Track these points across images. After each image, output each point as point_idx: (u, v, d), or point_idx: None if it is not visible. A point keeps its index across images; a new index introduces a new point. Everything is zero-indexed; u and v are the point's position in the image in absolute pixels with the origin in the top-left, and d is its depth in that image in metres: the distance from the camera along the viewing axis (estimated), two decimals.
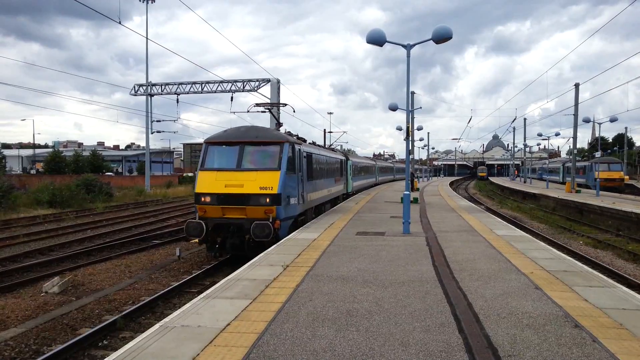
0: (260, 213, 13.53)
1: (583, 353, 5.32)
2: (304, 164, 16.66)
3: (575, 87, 38.40)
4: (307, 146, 18.28)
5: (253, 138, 14.68)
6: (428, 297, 7.56)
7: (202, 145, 15.43)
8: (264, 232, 12.98)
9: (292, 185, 14.81)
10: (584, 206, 28.79)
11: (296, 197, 15.20)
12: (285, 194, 14.03)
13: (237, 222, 13.64)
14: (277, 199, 13.62)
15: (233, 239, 13.71)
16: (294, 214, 15.10)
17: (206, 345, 5.59)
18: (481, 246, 12.26)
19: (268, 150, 14.60)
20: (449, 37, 13.92)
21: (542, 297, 7.52)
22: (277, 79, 36.28)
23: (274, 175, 13.86)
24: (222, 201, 13.72)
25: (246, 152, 14.43)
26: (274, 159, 14.34)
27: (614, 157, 62.08)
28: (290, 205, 14.61)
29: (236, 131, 15.28)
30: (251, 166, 14.23)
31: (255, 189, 13.59)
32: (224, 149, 14.88)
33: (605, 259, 16.43)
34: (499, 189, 63.85)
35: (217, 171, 14.23)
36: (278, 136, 15.13)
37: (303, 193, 16.22)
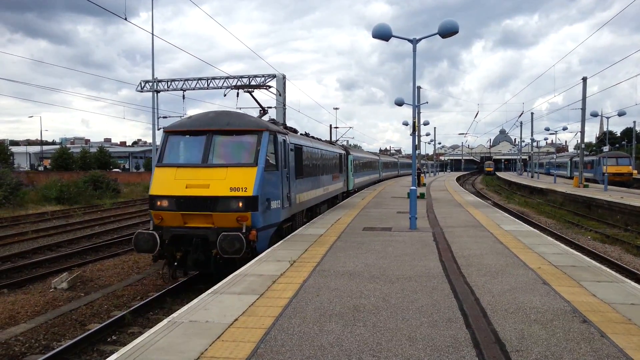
0: (231, 221, 10.80)
1: (591, 348, 5.30)
2: (291, 158, 14.02)
3: (583, 80, 38.12)
4: (295, 137, 15.64)
5: (223, 126, 11.85)
6: (435, 293, 7.55)
7: (162, 134, 12.72)
8: (233, 247, 10.17)
9: (273, 184, 12.12)
10: (592, 201, 28.62)
11: (279, 199, 12.47)
12: (263, 196, 11.31)
13: (201, 233, 10.89)
14: (252, 203, 10.87)
15: (196, 254, 10.97)
16: (276, 220, 12.32)
17: (214, 341, 5.61)
18: (488, 241, 12.23)
19: (242, 141, 11.89)
20: (456, 31, 13.84)
21: (550, 292, 7.49)
22: (282, 75, 36.25)
23: (249, 173, 11.12)
24: (183, 206, 10.88)
25: (215, 143, 11.62)
26: (250, 152, 11.59)
27: (622, 152, 61.69)
28: (272, 210, 11.89)
29: (203, 117, 12.43)
30: (221, 161, 11.46)
31: (224, 191, 10.84)
32: (187, 139, 12.18)
33: (614, 253, 16.34)
34: (506, 184, 63.60)
35: (177, 168, 11.41)
36: (255, 123, 12.32)
37: (289, 194, 13.59)
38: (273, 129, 12.56)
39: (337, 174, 24.30)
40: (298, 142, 15.58)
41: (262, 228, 11.26)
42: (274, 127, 13.01)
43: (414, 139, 16.39)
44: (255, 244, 10.89)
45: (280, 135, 12.97)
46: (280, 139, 12.86)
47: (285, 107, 35.57)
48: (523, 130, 72.50)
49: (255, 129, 11.96)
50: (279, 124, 15.19)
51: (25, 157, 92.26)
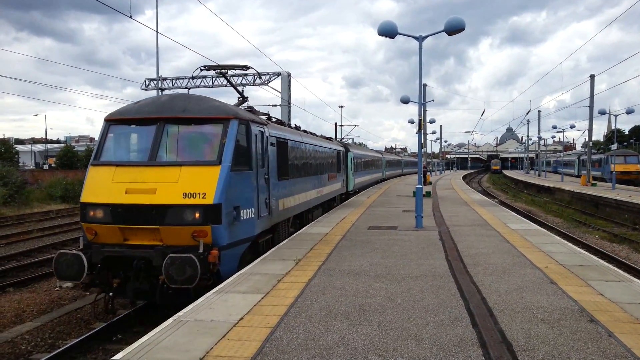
0: (185, 238, 8.51)
1: (599, 348, 5.25)
2: (271, 155, 11.57)
3: (590, 78, 37.90)
4: (278, 129, 12.99)
5: (178, 112, 9.40)
6: (441, 292, 7.51)
7: (102, 123, 10.12)
8: (183, 274, 7.77)
9: (245, 188, 9.78)
10: (600, 199, 28.45)
11: (253, 207, 10.11)
12: (230, 203, 8.98)
13: (141, 254, 8.47)
14: (214, 214, 8.56)
15: (138, 282, 8.61)
16: (249, 234, 9.91)
17: (219, 340, 5.60)
18: (495, 240, 12.16)
19: (203, 133, 9.57)
20: (462, 28, 13.76)
21: (557, 292, 7.44)
22: (287, 73, 36.23)
23: (209, 174, 8.80)
24: (121, 218, 8.55)
25: (167, 134, 9.30)
26: (212, 147, 9.28)
27: (630, 150, 61.25)
28: (242, 222, 9.50)
29: (154, 102, 10.00)
30: (173, 158, 9.16)
31: (175, 197, 8.47)
32: (132, 130, 9.88)
33: (622, 253, 16.23)
34: (513, 182, 63.38)
35: (116, 167, 9.04)
36: (221, 109, 9.73)
37: (269, 199, 11.20)
38: (245, 116, 10.18)
39: (334, 174, 22.07)
40: (282, 135, 13.03)
41: (227, 246, 8.88)
42: (247, 114, 10.62)
43: (419, 137, 16.33)
44: (218, 266, 8.50)
45: (255, 125, 10.52)
46: (255, 130, 10.44)
47: (290, 105, 35.55)
48: (530, 128, 72.32)
49: (221, 116, 9.51)
50: (258, 113, 12.70)
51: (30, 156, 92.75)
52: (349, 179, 26.60)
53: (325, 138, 22.57)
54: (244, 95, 13.08)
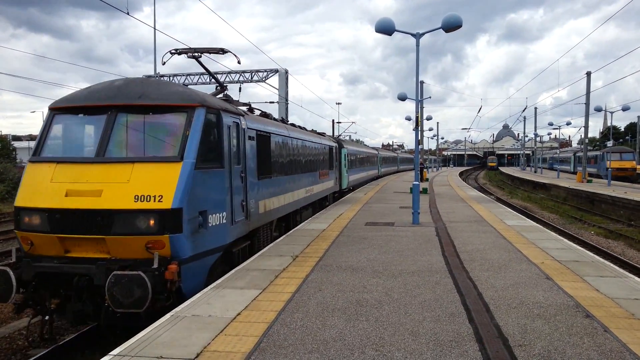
0: (137, 250, 7.15)
1: (594, 343, 5.29)
2: (248, 150, 10.15)
3: (587, 75, 38.02)
4: (258, 121, 11.52)
5: (133, 99, 8.03)
6: (438, 287, 7.54)
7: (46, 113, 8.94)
8: (130, 296, 6.55)
9: (214, 189, 8.45)
10: (595, 196, 28.56)
11: (225, 211, 8.72)
12: (195, 207, 7.64)
13: (83, 270, 7.12)
14: (173, 220, 7.22)
15: (79, 303, 7.25)
16: (219, 243, 8.55)
17: (217, 335, 5.62)
18: (491, 236, 12.21)
19: (163, 123, 8.22)
20: (459, 25, 13.77)
21: (553, 287, 7.48)
22: (285, 70, 36.20)
23: (168, 172, 7.47)
24: (61, 225, 7.22)
25: (119, 125, 7.93)
26: (173, 140, 7.93)
27: (626, 147, 61.48)
28: (210, 230, 8.14)
29: (106, 87, 8.45)
30: (124, 153, 7.85)
31: (125, 201, 7.15)
32: (80, 120, 8.46)
33: (617, 249, 16.32)
34: (509, 179, 63.51)
35: (56, 164, 7.70)
36: (184, 95, 8.37)
37: (246, 201, 9.81)
38: (214, 104, 8.73)
39: (326, 171, 20.75)
40: (263, 128, 11.57)
41: (191, 258, 7.54)
42: (218, 102, 9.18)
43: (416, 134, 16.36)
44: (179, 284, 7.20)
45: (227, 115, 9.12)
46: (227, 120, 9.06)
47: (287, 102, 35.54)
48: (526, 125, 72.37)
49: (184, 103, 8.14)
50: (236, 103, 11.28)
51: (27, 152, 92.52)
52: (343, 177, 25.53)
53: (317, 133, 21.45)
54: (222, 84, 11.93)
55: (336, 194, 24.44)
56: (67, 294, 7.34)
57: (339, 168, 24.54)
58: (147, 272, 6.71)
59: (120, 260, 7.15)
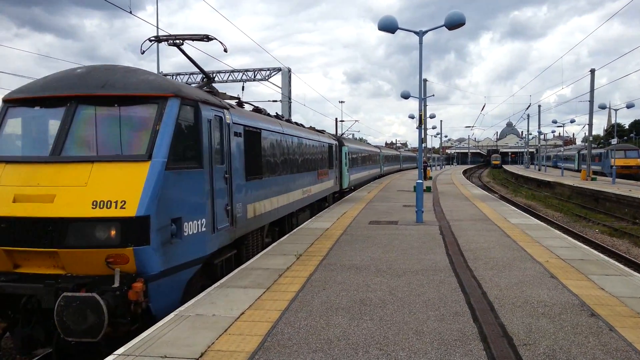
0: (96, 265, 6.21)
1: (599, 342, 5.27)
2: (234, 147, 9.16)
3: (590, 72, 37.88)
4: (246, 115, 10.54)
5: (96, 88, 7.00)
6: (442, 286, 7.53)
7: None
8: (83, 322, 5.66)
9: (190, 192, 7.39)
10: (600, 194, 28.46)
11: (205, 217, 7.67)
12: (165, 214, 6.62)
13: (29, 290, 6.20)
14: (138, 230, 6.25)
15: (31, 327, 6.40)
16: (198, 254, 7.50)
17: (221, 334, 5.62)
18: (495, 235, 12.18)
19: (129, 116, 7.15)
20: (462, 23, 13.74)
21: (558, 286, 7.45)
22: (288, 68, 36.21)
23: (133, 173, 6.52)
24: (7, 236, 6.28)
25: (79, 119, 6.92)
26: (141, 136, 6.95)
27: (630, 144, 61.22)
28: (186, 240, 7.09)
29: (66, 75, 7.44)
30: (83, 152, 6.86)
31: (81, 207, 6.18)
32: (36, 113, 7.42)
33: (622, 247, 16.24)
34: (513, 177, 63.34)
35: (5, 164, 6.78)
36: (154, 84, 7.29)
37: (231, 206, 8.80)
38: (191, 95, 7.68)
39: (325, 170, 19.72)
40: (252, 123, 10.54)
41: (162, 274, 6.54)
42: (196, 93, 8.13)
43: (420, 132, 16.33)
44: (146, 304, 6.29)
45: (207, 108, 8.08)
46: (208, 114, 8.03)
47: (290, 101, 35.54)
48: (530, 123, 72.15)
49: (154, 93, 7.11)
50: (222, 95, 10.32)
51: None
52: (344, 176, 24.61)
53: (316, 130, 20.46)
54: (208, 75, 11.03)
55: (336, 195, 23.61)
56: (15, 317, 6.39)
57: (339, 167, 23.70)
58: (106, 292, 5.89)
59: (77, 277, 6.21)
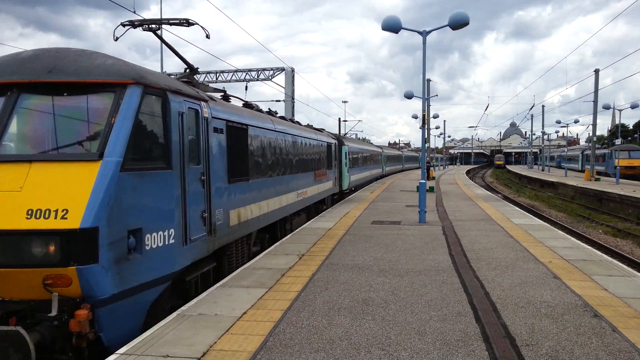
0: (32, 287, 5.22)
1: (603, 343, 5.25)
2: (214, 145, 8.15)
3: (595, 73, 37.77)
4: (230, 109, 9.43)
5: (42, 74, 5.95)
6: (445, 286, 7.51)
7: None
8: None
9: (155, 198, 6.31)
10: (604, 194, 28.37)
11: (173, 227, 6.61)
12: (119, 226, 5.61)
13: None
14: (83, 246, 5.22)
15: None
16: (163, 272, 6.41)
17: (223, 334, 5.62)
18: (498, 235, 12.15)
19: (79, 107, 6.11)
20: (466, 23, 13.72)
21: (561, 287, 7.43)
22: (291, 68, 36.20)
23: (79, 175, 5.50)
24: None
25: (20, 110, 5.98)
26: (92, 130, 5.96)
27: (634, 145, 61.02)
28: (149, 255, 6.08)
29: (10, 60, 6.30)
30: (21, 149, 5.95)
31: (13, 217, 5.18)
32: None
33: (625, 247, 16.20)
34: (517, 177, 63.21)
35: None
36: (111, 69, 6.20)
37: (209, 212, 7.79)
38: (156, 83, 6.57)
39: (324, 171, 18.71)
40: (237, 118, 9.44)
41: (115, 297, 5.51)
42: (163, 80, 6.94)
43: (423, 132, 16.31)
44: (94, 335, 5.37)
45: (179, 98, 6.98)
46: (179, 106, 6.92)
47: (293, 101, 35.54)
48: (534, 123, 71.94)
49: (110, 80, 6.04)
50: (203, 86, 9.38)
51: None
52: (344, 176, 23.64)
53: (313, 128, 19.33)
54: (192, 66, 9.57)
55: (335, 196, 22.57)
56: None
57: (339, 167, 22.82)
58: (40, 323, 4.96)
59: (8, 302, 5.17)
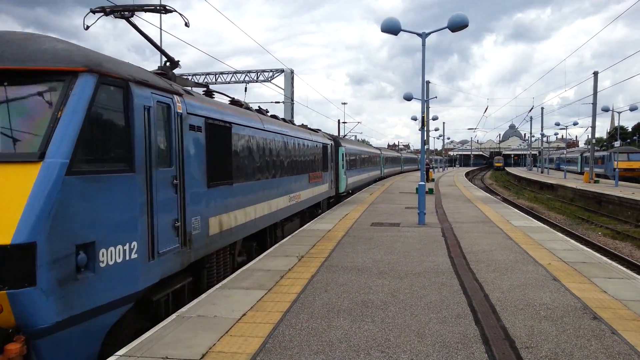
0: None
1: (602, 345, 5.25)
2: (190, 145, 7.33)
3: (594, 75, 37.81)
4: (207, 105, 8.42)
5: None
6: (444, 289, 7.51)
7: None
8: None
9: (110, 206, 5.49)
10: (603, 197, 28.39)
11: (133, 238, 5.77)
12: (63, 240, 4.76)
13: None
14: (17, 265, 4.43)
15: None
16: (123, 292, 5.63)
17: (222, 335, 5.61)
18: (498, 237, 12.15)
19: (20, 98, 5.21)
20: (465, 25, 13.73)
21: (560, 289, 7.43)
22: (290, 70, 36.23)
23: (13, 180, 4.68)
24: None
25: None
26: (35, 126, 5.05)
27: (633, 147, 61.10)
28: (102, 273, 5.27)
29: None
30: None
31: None
32: None
33: (625, 250, 16.20)
34: (516, 179, 63.24)
35: None
36: (60, 55, 5.32)
37: (183, 221, 6.96)
38: (116, 71, 5.70)
39: (319, 173, 17.87)
40: (218, 115, 8.59)
41: (59, 326, 4.75)
42: (124, 68, 5.99)
43: (422, 134, 16.33)
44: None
45: (145, 90, 6.15)
46: (144, 99, 6.11)
47: (293, 102, 35.56)
48: (533, 125, 72.07)
49: (58, 67, 5.23)
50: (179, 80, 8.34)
51: None
52: (340, 179, 22.79)
53: (308, 129, 18.59)
54: (172, 58, 8.50)
55: (332, 200, 21.67)
56: None
57: (335, 169, 22.03)
58: None
59: None
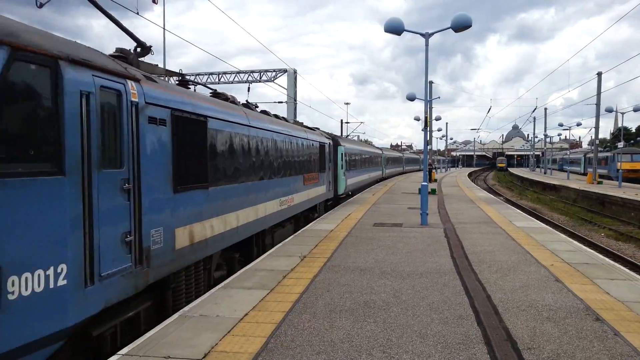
0: None
1: (604, 347, 5.24)
2: (152, 142, 6.33)
3: (597, 75, 37.74)
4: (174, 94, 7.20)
5: None
6: (446, 289, 7.51)
7: None
8: None
9: (26, 219, 4.26)
10: (606, 198, 28.32)
11: (60, 258, 4.58)
12: None
13: None
14: None
15: None
16: (49, 329, 4.45)
17: (224, 335, 5.62)
18: (500, 238, 12.14)
19: None
20: (469, 25, 13.73)
21: (563, 290, 7.42)
22: (293, 69, 36.23)
23: None
24: None
25: None
26: None
27: (637, 148, 60.88)
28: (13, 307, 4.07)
29: None
30: None
31: None
32: None
33: (628, 251, 16.15)
34: (519, 180, 63.12)
35: None
36: None
37: (137, 235, 5.91)
38: (39, 45, 4.55)
39: (315, 174, 16.78)
40: (188, 107, 7.45)
41: None
42: (54, 44, 4.84)
43: (425, 135, 16.30)
44: None
45: (82, 72, 5.03)
46: (84, 82, 5.04)
47: (296, 102, 35.56)
48: (536, 126, 71.88)
49: None
50: (140, 63, 7.32)
51: None
52: (339, 180, 21.69)
53: (304, 126, 17.56)
54: (143, 43, 7.53)
55: (330, 202, 20.63)
56: None
57: (334, 170, 20.95)
58: None
59: None
